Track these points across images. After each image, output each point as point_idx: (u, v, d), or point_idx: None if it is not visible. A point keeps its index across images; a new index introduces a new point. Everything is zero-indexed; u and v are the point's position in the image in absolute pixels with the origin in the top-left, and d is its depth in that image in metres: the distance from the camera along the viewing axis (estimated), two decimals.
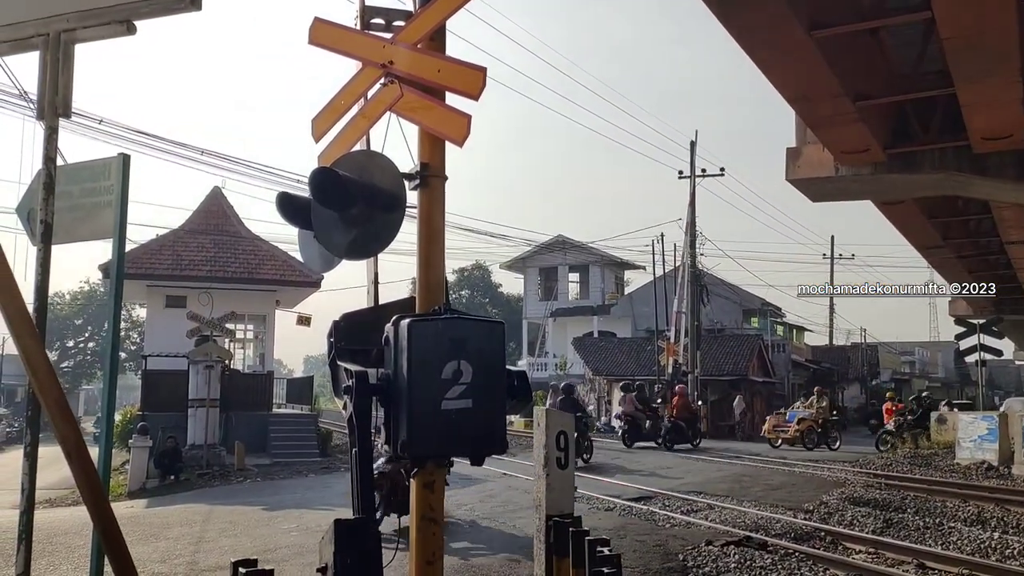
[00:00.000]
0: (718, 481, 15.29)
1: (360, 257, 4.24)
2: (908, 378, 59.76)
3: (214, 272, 23.74)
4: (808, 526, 10.45)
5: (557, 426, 5.08)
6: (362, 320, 4.14)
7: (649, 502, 12.61)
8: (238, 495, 15.10)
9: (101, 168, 4.01)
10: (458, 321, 3.55)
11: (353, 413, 3.57)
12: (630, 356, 38.69)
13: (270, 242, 26.30)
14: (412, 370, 3.42)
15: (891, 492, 13.90)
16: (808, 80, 11.65)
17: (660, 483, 14.75)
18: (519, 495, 13.15)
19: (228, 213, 26.18)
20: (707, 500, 12.74)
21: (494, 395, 3.54)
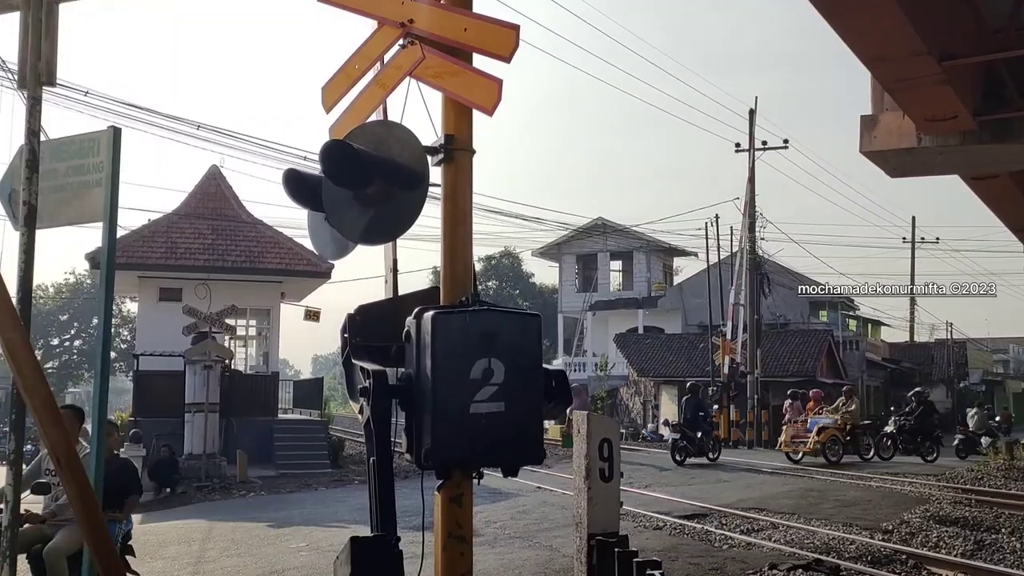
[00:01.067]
0: (782, 496, 15.18)
1: (378, 242, 4.25)
2: (1001, 379, 58.87)
3: (212, 261, 24.02)
4: (887, 548, 10.33)
5: (600, 433, 5.06)
6: (380, 313, 4.15)
7: (704, 520, 12.56)
8: (241, 510, 15.29)
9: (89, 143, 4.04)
10: (488, 313, 3.54)
11: (370, 418, 3.59)
12: (680, 354, 38.53)
13: (274, 227, 26.54)
14: (436, 369, 3.43)
15: (982, 509, 13.70)
16: (887, 38, 11.45)
17: (715, 498, 14.68)
18: (556, 511, 13.16)
19: (227, 195, 26.46)
20: (770, 518, 12.64)
21: (529, 397, 3.53)
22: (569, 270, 49.81)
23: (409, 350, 3.65)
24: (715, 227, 37.18)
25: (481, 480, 3.79)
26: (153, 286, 24.62)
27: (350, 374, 4.17)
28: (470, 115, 4.05)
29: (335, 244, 4.39)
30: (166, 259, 23.92)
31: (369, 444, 3.75)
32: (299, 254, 24.78)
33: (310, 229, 4.54)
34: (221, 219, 25.54)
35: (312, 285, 26.88)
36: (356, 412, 4.09)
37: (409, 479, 14.51)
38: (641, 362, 39.12)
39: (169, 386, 21.39)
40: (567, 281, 49.93)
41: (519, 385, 3.49)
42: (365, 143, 3.93)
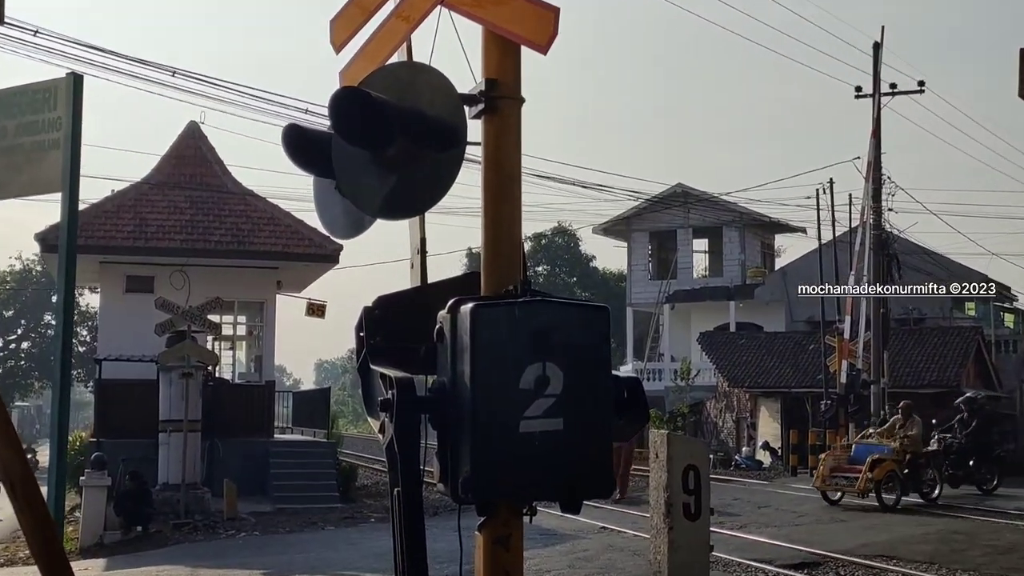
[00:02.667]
0: (916, 540, 15.02)
1: (402, 215, 4.28)
2: None
3: (191, 242, 24.35)
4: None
5: (684, 458, 5.06)
6: (405, 306, 4.18)
7: (816, 571, 12.48)
8: (229, 554, 15.48)
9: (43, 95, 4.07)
10: (543, 305, 3.55)
11: (394, 438, 3.62)
12: (784, 359, 38.27)
13: (269, 199, 26.81)
14: (477, 376, 3.45)
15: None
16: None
17: (830, 542, 14.57)
18: (626, 559, 13.14)
19: (210, 159, 26.77)
20: (902, 568, 12.54)
21: (595, 412, 3.54)
22: (640, 251, 49.70)
23: (442, 352, 3.67)
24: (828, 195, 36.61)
25: (533, 518, 3.80)
26: (118, 274, 25.01)
27: (367, 383, 4.20)
28: (518, 54, 4.04)
29: (348, 219, 4.41)
30: (134, 240, 24.29)
31: (392, 472, 3.77)
32: (300, 233, 25.02)
33: (316, 201, 4.57)
34: (202, 189, 25.86)
35: (316, 272, 27.11)
36: (375, 431, 4.12)
37: (442, 516, 14.58)
38: (733, 368, 38.89)
39: (139, 399, 21.70)
40: (638, 265, 49.82)
41: (582, 397, 3.50)
42: (386, 91, 3.95)
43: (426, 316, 3.86)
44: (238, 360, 29.42)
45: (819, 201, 37.74)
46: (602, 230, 50.66)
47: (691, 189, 47.22)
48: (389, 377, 3.69)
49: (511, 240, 4.01)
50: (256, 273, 25.41)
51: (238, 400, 24.19)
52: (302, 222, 25.33)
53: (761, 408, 37.88)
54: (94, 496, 17.76)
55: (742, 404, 38.94)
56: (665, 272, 48.33)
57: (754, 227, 48.16)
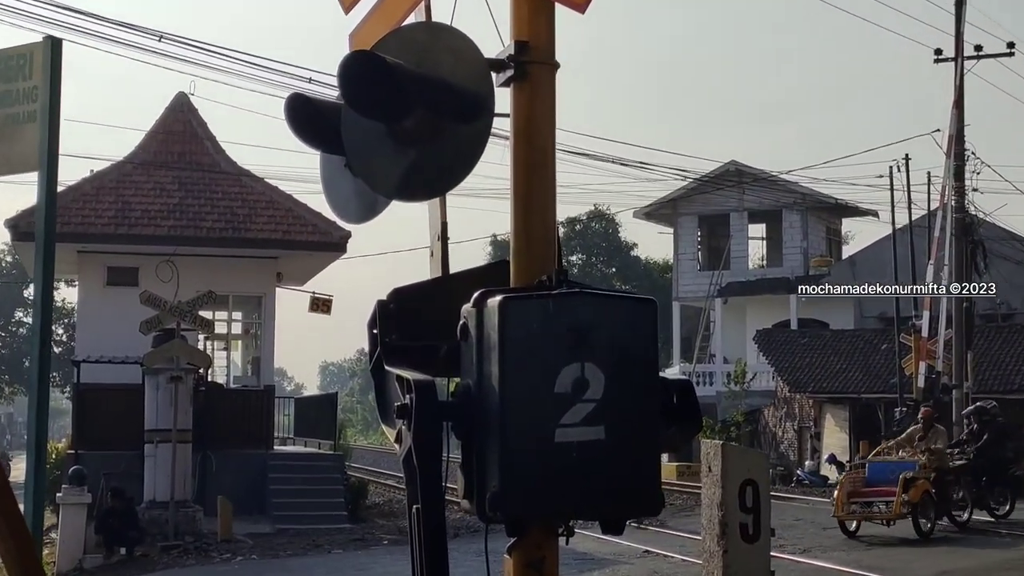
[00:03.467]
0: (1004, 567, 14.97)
1: (421, 196, 4.27)
2: None
3: (180, 229, 24.48)
4: None
5: (741, 472, 5.04)
6: (424, 300, 4.18)
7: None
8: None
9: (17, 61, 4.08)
10: (581, 298, 3.54)
11: (412, 449, 3.62)
12: (852, 360, 38.11)
13: (267, 180, 26.92)
14: (507, 379, 3.45)
15: None
16: None
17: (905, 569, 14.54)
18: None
19: (201, 135, 26.90)
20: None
21: (641, 419, 3.53)
22: (689, 238, 49.61)
23: (467, 352, 3.66)
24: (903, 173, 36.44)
25: (570, 539, 3.80)
26: (98, 265, 25.19)
27: (381, 387, 4.20)
28: (551, 13, 4.04)
29: (359, 202, 4.42)
30: (116, 226, 24.44)
31: (411, 487, 3.77)
32: (303, 218, 25.11)
33: (323, 181, 4.58)
34: (192, 169, 26.00)
35: (321, 262, 27.21)
36: (390, 441, 4.13)
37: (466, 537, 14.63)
38: (794, 371, 38.76)
39: (122, 406, 21.84)
40: (686, 254, 49.72)
41: (626, 402, 3.49)
42: (402, 55, 3.95)
43: (448, 310, 3.85)
44: (233, 362, 29.54)
45: (893, 180, 37.55)
46: (645, 214, 50.58)
47: (746, 167, 47.04)
48: (406, 380, 3.68)
49: (544, 224, 4.00)
50: (253, 264, 25.53)
51: (233, 407, 24.30)
52: (305, 206, 25.43)
53: (826, 416, 37.71)
54: (73, 515, 17.89)
55: (804, 412, 38.78)
56: (717, 262, 48.20)
57: (818, 210, 47.94)
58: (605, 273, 67.45)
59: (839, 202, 46.65)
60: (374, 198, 4.35)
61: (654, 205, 49.13)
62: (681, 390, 3.72)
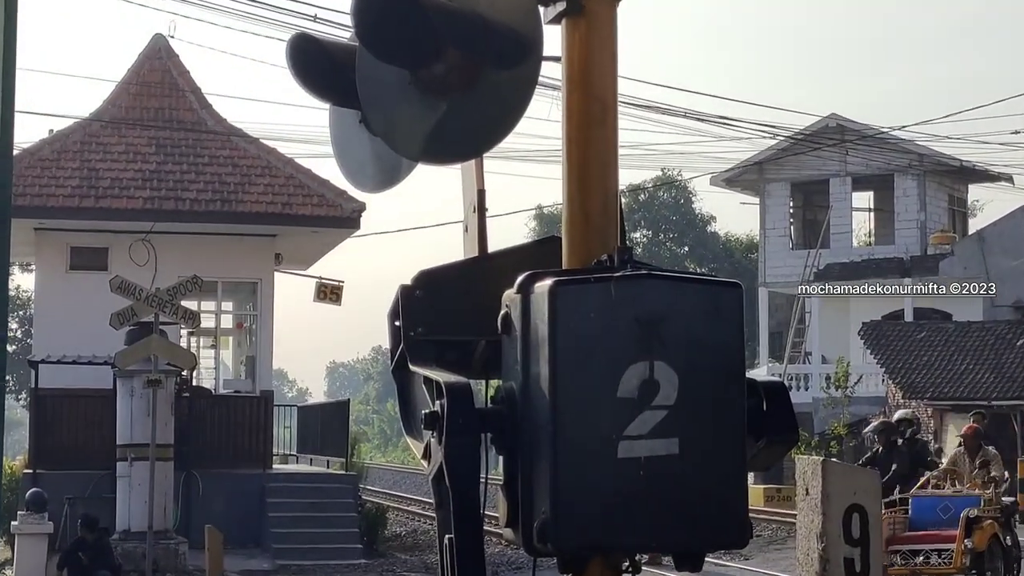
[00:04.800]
0: None
1: (453, 159, 4.29)
2: None
3: (159, 201, 24.61)
4: None
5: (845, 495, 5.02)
6: (456, 285, 4.20)
7: None
8: None
9: None
10: (651, 282, 3.54)
11: (444, 466, 3.64)
12: (982, 359, 37.85)
13: (263, 141, 26.97)
14: (559, 381, 3.45)
15: None
16: None
17: None
18: None
19: (182, 86, 27.02)
20: None
21: (723, 430, 3.54)
22: (779, 209, 49.41)
23: (509, 348, 3.67)
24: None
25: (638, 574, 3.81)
26: (59, 245, 25.37)
27: (405, 391, 4.23)
28: None
29: (378, 166, 4.44)
30: (80, 198, 24.60)
31: (441, 513, 3.79)
32: (306, 187, 25.20)
33: (334, 141, 4.60)
34: (173, 128, 26.13)
35: (329, 241, 27.31)
36: (416, 458, 4.14)
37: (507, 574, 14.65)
38: (910, 372, 38.56)
39: (89, 416, 22.05)
40: (775, 229, 49.55)
41: (705, 408, 3.49)
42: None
43: (486, 297, 3.87)
44: (223, 363, 29.67)
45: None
46: (724, 181, 50.44)
47: (849, 122, 46.79)
48: (437, 383, 3.69)
49: (603, 192, 4.00)
50: (247, 243, 25.65)
51: (224, 417, 24.45)
52: (310, 172, 25.54)
53: (949, 427, 37.49)
54: (31, 547, 18.02)
55: (923, 422, 38.62)
56: (813, 239, 48.04)
57: (938, 174, 47.61)
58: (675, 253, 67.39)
59: (964, 164, 46.29)
60: (396, 161, 4.37)
61: (736, 169, 48.98)
62: (773, 394, 3.72)
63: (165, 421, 20.29)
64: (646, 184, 67.19)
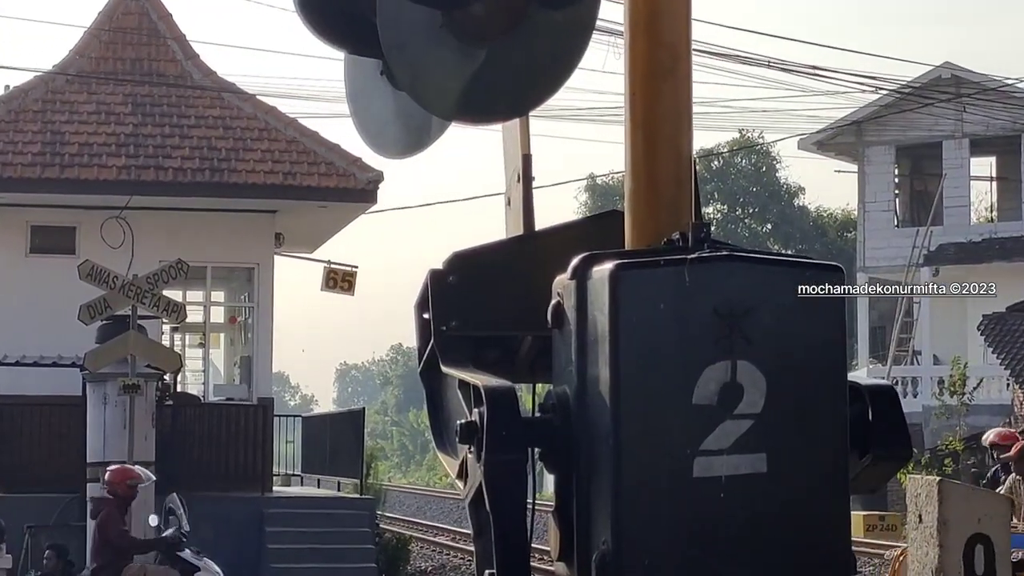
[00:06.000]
0: None
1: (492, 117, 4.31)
2: None
3: (136, 172, 24.66)
4: None
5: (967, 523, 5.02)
6: (498, 269, 4.23)
7: None
8: None
9: None
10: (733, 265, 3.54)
11: (484, 488, 3.65)
12: None
13: (260, 98, 27.00)
14: (622, 384, 3.46)
15: None
16: None
17: None
18: None
19: (163, 32, 27.06)
20: None
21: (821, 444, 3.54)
22: (881, 179, 49.21)
23: (562, 345, 3.68)
24: None
25: None
26: (17, 224, 25.42)
27: (436, 397, 4.25)
28: None
29: (402, 126, 4.46)
30: (42, 167, 24.65)
31: (481, 542, 3.82)
32: (312, 153, 25.22)
33: (349, 96, 4.62)
34: (153, 83, 26.18)
35: (339, 217, 27.34)
36: (449, 477, 4.15)
37: None
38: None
39: (54, 428, 22.10)
40: (877, 203, 49.34)
41: (798, 417, 3.49)
42: None
43: (533, 284, 3.89)
44: (213, 364, 29.75)
45: None
46: (816, 144, 50.26)
47: (967, 73, 46.53)
48: (475, 387, 3.71)
49: (675, 156, 4.01)
50: (242, 221, 25.71)
51: (215, 430, 24.50)
52: (317, 135, 25.56)
53: None
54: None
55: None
56: (923, 214, 47.86)
57: None
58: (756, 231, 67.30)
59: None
60: (424, 120, 4.38)
61: (830, 130, 48.80)
62: (880, 400, 3.71)
63: (145, 434, 20.34)
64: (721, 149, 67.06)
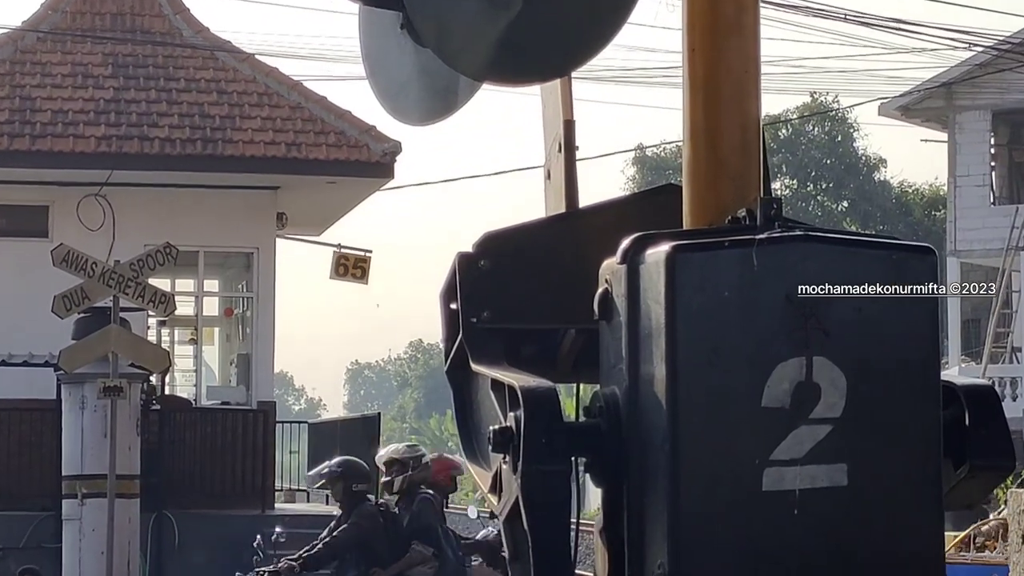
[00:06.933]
0: None
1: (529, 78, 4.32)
2: None
3: (117, 141, 24.73)
4: None
5: None
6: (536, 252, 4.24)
7: None
8: None
9: None
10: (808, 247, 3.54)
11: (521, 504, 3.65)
12: None
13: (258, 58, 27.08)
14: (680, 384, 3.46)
15: None
16: None
17: None
18: None
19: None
20: None
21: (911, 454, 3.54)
22: (975, 150, 49.10)
23: (609, 339, 3.69)
24: None
25: None
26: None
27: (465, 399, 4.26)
28: None
29: (425, 87, 4.48)
30: (11, 139, 24.75)
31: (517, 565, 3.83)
32: (319, 120, 25.28)
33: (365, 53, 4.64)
34: (136, 41, 26.24)
35: (351, 195, 27.41)
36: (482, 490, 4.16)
37: None
38: None
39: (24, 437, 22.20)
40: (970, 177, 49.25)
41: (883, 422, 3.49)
42: None
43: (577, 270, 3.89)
44: (206, 364, 29.83)
45: None
46: (899, 109, 50.17)
47: None
48: (510, 387, 3.70)
49: (741, 122, 4.01)
50: (239, 200, 25.79)
51: (208, 438, 24.59)
52: (324, 100, 25.61)
53: None
54: None
55: None
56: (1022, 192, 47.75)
57: None
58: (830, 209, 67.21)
59: None
60: (451, 81, 4.40)
61: (915, 93, 48.72)
62: (979, 403, 3.70)
63: (128, 444, 20.35)
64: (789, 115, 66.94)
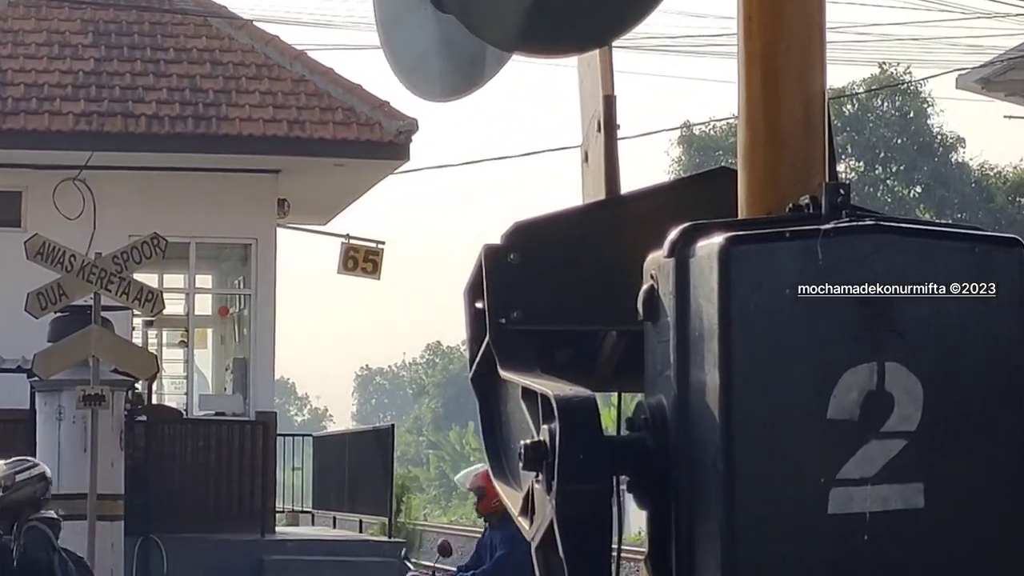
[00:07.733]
0: None
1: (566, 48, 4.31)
2: None
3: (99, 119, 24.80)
4: None
5: None
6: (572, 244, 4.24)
7: None
8: None
9: None
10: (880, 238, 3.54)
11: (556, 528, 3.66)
12: None
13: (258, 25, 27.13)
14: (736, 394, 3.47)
15: None
16: None
17: None
18: None
19: None
20: None
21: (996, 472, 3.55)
22: None
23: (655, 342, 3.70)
24: None
25: None
26: None
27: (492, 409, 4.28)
28: None
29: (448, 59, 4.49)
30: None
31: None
32: (326, 95, 25.33)
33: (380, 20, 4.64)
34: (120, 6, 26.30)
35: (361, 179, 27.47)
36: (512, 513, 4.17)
37: None
38: None
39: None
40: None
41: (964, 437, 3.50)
42: None
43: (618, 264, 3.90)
44: (198, 370, 29.89)
45: None
46: (980, 81, 50.10)
47: None
48: (544, 396, 3.72)
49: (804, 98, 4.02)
50: (235, 184, 25.86)
51: (200, 453, 24.68)
52: (331, 72, 25.66)
53: None
54: None
55: None
56: None
57: None
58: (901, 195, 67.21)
59: None
60: (477, 52, 4.41)
61: (998, 64, 48.67)
62: None
63: (111, 460, 20.43)
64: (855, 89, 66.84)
